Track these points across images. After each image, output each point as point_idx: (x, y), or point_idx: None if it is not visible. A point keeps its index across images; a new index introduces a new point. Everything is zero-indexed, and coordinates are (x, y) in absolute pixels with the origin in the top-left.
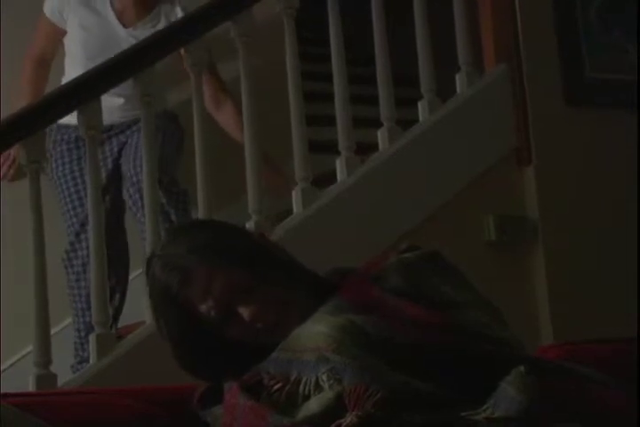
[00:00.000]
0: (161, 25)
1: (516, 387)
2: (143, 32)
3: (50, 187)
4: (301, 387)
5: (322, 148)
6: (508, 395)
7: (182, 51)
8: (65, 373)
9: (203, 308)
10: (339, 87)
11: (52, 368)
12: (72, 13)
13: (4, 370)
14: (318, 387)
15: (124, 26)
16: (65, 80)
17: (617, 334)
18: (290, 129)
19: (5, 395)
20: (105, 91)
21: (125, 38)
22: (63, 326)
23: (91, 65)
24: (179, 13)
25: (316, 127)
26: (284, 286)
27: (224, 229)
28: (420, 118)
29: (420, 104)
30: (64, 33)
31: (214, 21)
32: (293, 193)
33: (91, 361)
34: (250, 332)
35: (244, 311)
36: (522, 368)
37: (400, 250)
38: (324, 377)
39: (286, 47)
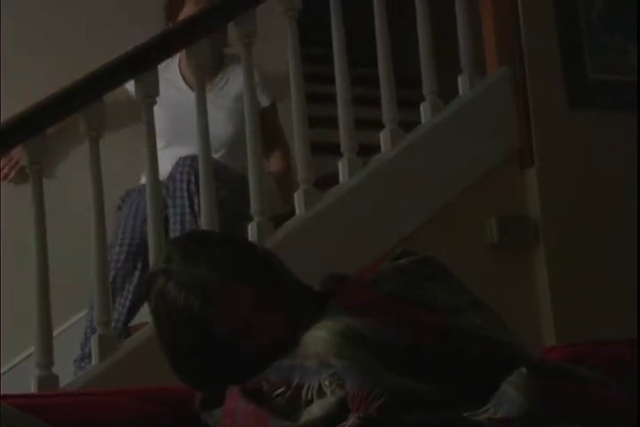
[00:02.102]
0: (229, 85)
1: (518, 388)
2: (210, 94)
3: (50, 188)
4: (304, 392)
5: (324, 149)
6: (509, 396)
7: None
8: (67, 374)
9: (220, 323)
10: (341, 89)
11: (54, 369)
12: None
13: (4, 372)
14: (321, 392)
15: (193, 90)
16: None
17: (617, 333)
18: (292, 130)
19: (6, 396)
20: (107, 92)
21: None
22: (65, 327)
23: (163, 128)
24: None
25: (318, 129)
26: (290, 298)
27: (235, 244)
28: (423, 120)
29: (422, 106)
30: (125, 91)
31: (216, 23)
32: (295, 195)
33: (93, 362)
34: (266, 346)
35: (262, 323)
36: (523, 369)
37: (394, 255)
38: (327, 382)
39: (288, 49)
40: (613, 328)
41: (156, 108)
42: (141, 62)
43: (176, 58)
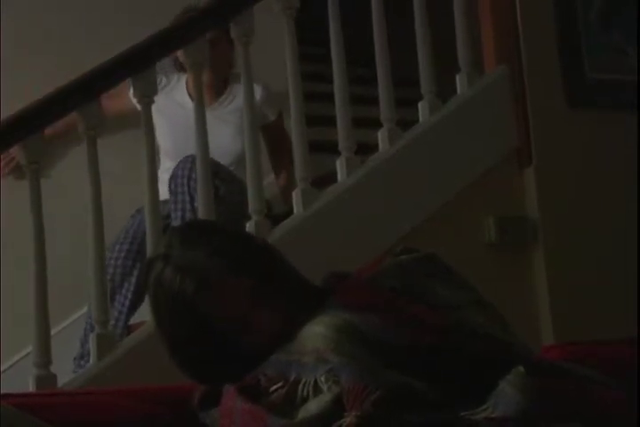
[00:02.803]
0: (235, 102)
1: (515, 387)
2: (217, 112)
3: (48, 187)
4: (300, 388)
5: (322, 148)
6: (506, 395)
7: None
8: (66, 372)
9: (217, 314)
10: (339, 88)
11: (53, 368)
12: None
13: (4, 371)
14: (317, 389)
15: None
16: (160, 170)
17: (617, 333)
18: (290, 129)
19: (6, 395)
20: (104, 90)
21: None
22: (64, 325)
23: (170, 147)
24: (257, 91)
25: (316, 128)
26: (289, 292)
27: (235, 234)
28: (421, 119)
29: (420, 105)
30: (133, 106)
31: (214, 22)
32: (293, 194)
33: (91, 361)
34: (263, 339)
35: (260, 319)
36: (520, 368)
37: (396, 252)
38: (323, 378)
39: (286, 47)
40: (613, 328)
41: (163, 128)
42: (139, 61)
43: (183, 78)
